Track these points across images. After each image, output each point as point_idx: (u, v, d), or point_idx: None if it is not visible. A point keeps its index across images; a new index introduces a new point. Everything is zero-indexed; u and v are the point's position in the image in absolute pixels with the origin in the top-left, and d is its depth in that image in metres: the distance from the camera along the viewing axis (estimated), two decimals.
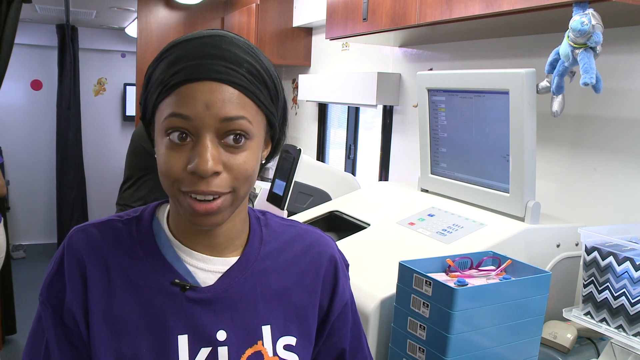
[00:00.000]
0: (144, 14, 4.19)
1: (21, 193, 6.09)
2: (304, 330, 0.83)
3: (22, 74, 5.99)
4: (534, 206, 1.38)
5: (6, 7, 3.20)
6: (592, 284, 1.19)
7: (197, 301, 0.76)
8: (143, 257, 0.77)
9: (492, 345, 1.09)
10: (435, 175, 1.74)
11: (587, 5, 1.18)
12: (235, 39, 0.72)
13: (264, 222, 0.85)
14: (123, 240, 0.78)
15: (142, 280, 0.76)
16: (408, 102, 2.39)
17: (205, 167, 0.66)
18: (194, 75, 0.67)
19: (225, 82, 0.67)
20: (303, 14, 3.24)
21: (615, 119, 1.48)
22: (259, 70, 0.71)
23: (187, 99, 0.67)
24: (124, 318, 0.75)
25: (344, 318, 0.88)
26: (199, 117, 0.67)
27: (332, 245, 0.89)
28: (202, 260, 0.78)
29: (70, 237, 0.77)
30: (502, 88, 1.39)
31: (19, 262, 5.51)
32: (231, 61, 0.68)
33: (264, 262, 0.81)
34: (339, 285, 0.87)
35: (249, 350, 0.78)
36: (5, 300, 3.67)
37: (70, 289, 0.75)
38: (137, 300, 0.75)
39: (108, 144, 6.51)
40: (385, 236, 1.52)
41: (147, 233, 0.79)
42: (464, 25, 1.65)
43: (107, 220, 0.80)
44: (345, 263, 0.91)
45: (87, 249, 0.76)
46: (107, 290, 0.75)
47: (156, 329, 0.75)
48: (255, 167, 0.72)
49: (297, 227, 0.89)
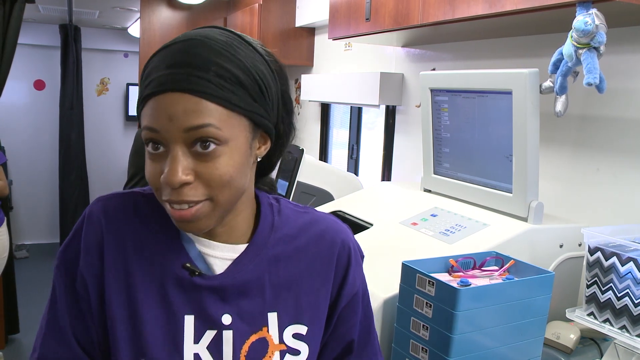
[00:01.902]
0: (146, 14, 4.19)
1: (24, 193, 6.11)
2: (316, 317, 0.82)
3: (25, 74, 6.01)
4: (537, 206, 1.38)
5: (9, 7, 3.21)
6: (595, 284, 1.19)
7: (204, 287, 0.77)
8: (159, 231, 0.79)
9: (495, 345, 1.08)
10: (438, 176, 1.73)
11: (591, 5, 1.18)
12: (209, 41, 0.70)
13: (277, 208, 0.85)
14: (143, 212, 0.79)
15: (155, 255, 0.78)
16: (411, 102, 2.39)
17: (173, 179, 0.67)
18: (158, 87, 0.67)
19: (187, 91, 0.67)
20: (306, 14, 3.24)
21: (619, 119, 1.48)
22: (231, 70, 0.69)
23: (154, 111, 0.68)
24: (137, 289, 0.77)
25: (353, 308, 0.87)
26: (165, 129, 0.67)
27: (347, 233, 0.87)
28: (209, 247, 0.79)
29: (92, 205, 0.80)
30: (505, 88, 1.39)
31: (22, 262, 5.52)
32: (197, 67, 0.67)
33: (275, 249, 0.81)
34: (349, 273, 0.85)
35: (253, 335, 0.78)
36: (9, 300, 3.68)
37: (85, 257, 0.77)
38: (148, 274, 0.77)
39: (111, 143, 6.52)
40: (388, 236, 1.52)
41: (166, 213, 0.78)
42: (467, 26, 1.65)
43: (130, 192, 0.82)
44: (360, 254, 0.89)
45: (106, 217, 0.78)
46: (123, 259, 0.77)
47: (165, 306, 0.77)
48: (235, 172, 0.70)
49: (312, 213, 0.87)
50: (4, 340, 3.67)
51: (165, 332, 0.76)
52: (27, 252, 5.87)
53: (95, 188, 6.23)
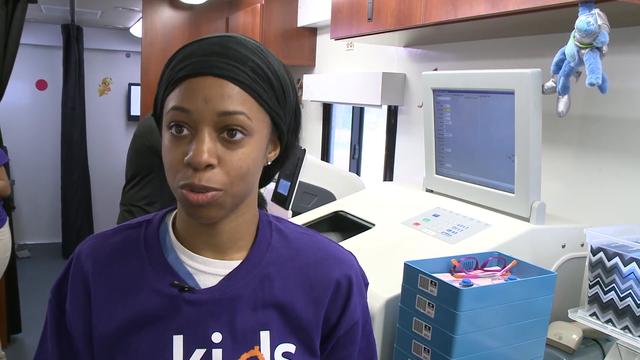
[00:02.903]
0: (148, 14, 4.20)
1: (26, 193, 6.12)
2: (304, 340, 0.81)
3: (28, 73, 6.01)
4: (540, 207, 1.38)
5: (12, 7, 3.22)
6: (597, 284, 1.19)
7: (194, 303, 0.76)
8: (146, 259, 0.79)
9: (498, 345, 1.08)
10: (440, 176, 1.73)
11: (593, 5, 1.18)
12: (243, 40, 0.73)
13: (276, 227, 0.84)
14: (130, 245, 0.80)
15: (143, 281, 0.78)
16: (413, 102, 2.39)
17: (199, 159, 0.67)
18: (196, 70, 0.69)
19: (225, 78, 0.69)
20: (308, 14, 3.24)
21: (621, 119, 1.48)
22: (264, 69, 0.72)
23: (188, 92, 0.69)
24: (125, 317, 0.76)
25: (351, 337, 0.85)
26: (198, 110, 0.68)
27: (349, 261, 0.85)
28: (203, 263, 0.78)
29: (80, 247, 0.82)
30: (508, 88, 1.39)
31: (24, 262, 5.53)
32: (235, 59, 0.70)
33: (269, 268, 0.80)
34: (350, 303, 0.83)
35: (244, 355, 0.76)
36: (11, 300, 3.68)
37: (71, 299, 0.79)
38: (136, 300, 0.77)
39: (112, 143, 6.52)
40: (390, 236, 1.52)
41: (153, 236, 0.81)
42: (470, 26, 1.65)
43: (119, 227, 0.83)
44: (364, 281, 0.87)
45: (93, 259, 0.79)
46: (110, 296, 0.78)
47: (153, 328, 0.76)
48: (252, 166, 0.71)
49: (313, 236, 0.86)
50: (7, 340, 3.68)
51: (154, 354, 0.75)
52: (29, 251, 5.88)
53: (97, 188, 6.24)
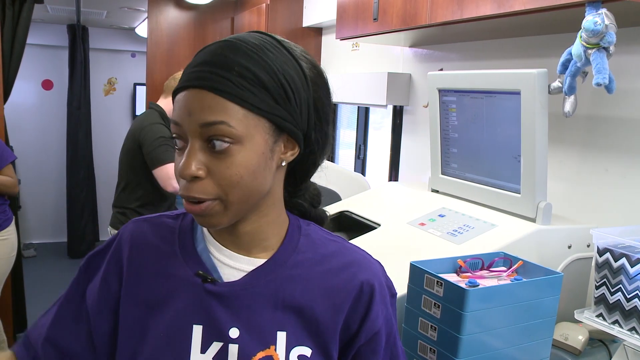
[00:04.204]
0: (154, 14, 4.20)
1: (32, 192, 6.14)
2: (320, 345, 0.80)
3: (34, 73, 6.04)
4: (545, 207, 1.38)
5: (18, 7, 3.23)
6: (604, 285, 1.19)
7: (214, 294, 0.78)
8: (177, 247, 0.82)
9: (503, 346, 1.08)
10: (445, 176, 1.73)
11: (600, 5, 1.18)
12: (239, 43, 0.72)
13: (305, 232, 0.84)
14: (167, 234, 0.84)
15: (170, 267, 0.81)
16: (418, 103, 2.39)
17: (184, 171, 0.70)
18: (184, 83, 0.72)
19: (205, 88, 0.69)
20: (313, 14, 3.24)
21: (628, 119, 1.47)
22: (255, 72, 0.70)
23: (178, 106, 0.72)
24: (149, 302, 0.80)
25: (373, 347, 0.84)
26: (184, 123, 0.71)
27: (373, 269, 0.85)
28: (229, 257, 0.80)
29: (123, 228, 0.86)
30: (514, 88, 1.39)
31: (30, 261, 5.55)
32: (220, 66, 0.70)
33: (293, 270, 0.80)
34: (371, 311, 0.82)
35: (260, 352, 0.77)
36: (17, 298, 3.69)
37: (104, 274, 0.83)
38: (162, 286, 0.80)
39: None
40: (396, 236, 1.52)
41: (187, 227, 0.84)
42: (475, 26, 1.65)
43: (161, 215, 0.88)
44: (391, 292, 0.86)
45: (130, 244, 0.83)
46: (139, 281, 0.81)
47: (174, 314, 0.78)
48: (246, 173, 0.71)
49: (341, 243, 0.87)
50: (13, 338, 3.69)
51: (172, 340, 0.77)
52: (35, 251, 5.90)
53: (102, 187, 6.25)
